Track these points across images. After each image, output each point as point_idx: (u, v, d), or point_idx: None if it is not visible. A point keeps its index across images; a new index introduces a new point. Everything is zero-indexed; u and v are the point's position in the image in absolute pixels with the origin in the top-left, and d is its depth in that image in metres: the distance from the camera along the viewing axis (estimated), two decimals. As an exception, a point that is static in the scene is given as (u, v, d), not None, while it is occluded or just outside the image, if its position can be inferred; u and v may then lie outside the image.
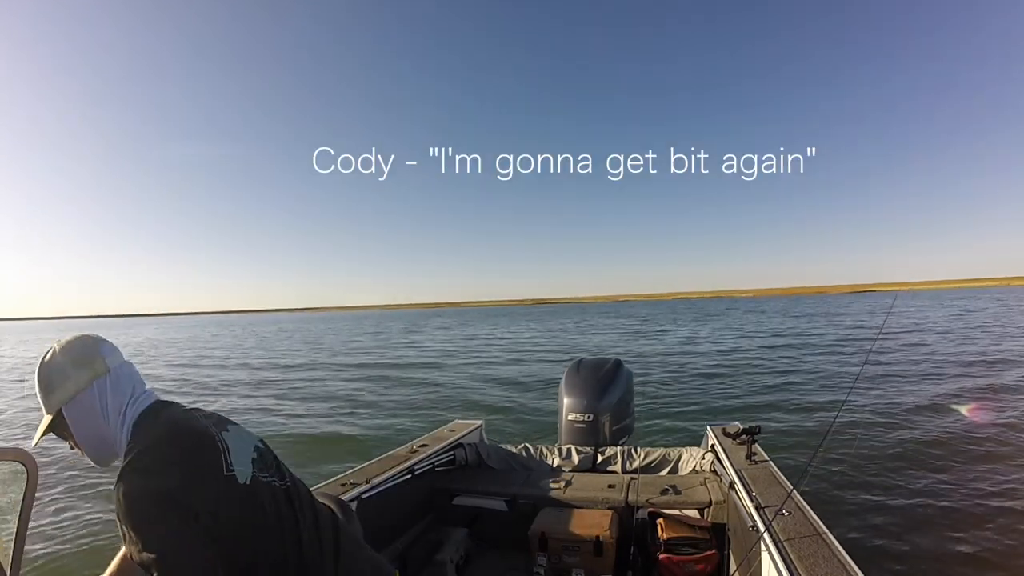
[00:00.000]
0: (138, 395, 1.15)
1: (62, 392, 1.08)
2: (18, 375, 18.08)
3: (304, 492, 1.22)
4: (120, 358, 1.17)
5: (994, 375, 9.31)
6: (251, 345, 31.86)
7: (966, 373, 9.53)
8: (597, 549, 2.68)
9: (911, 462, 5.43)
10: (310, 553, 1.11)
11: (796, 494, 2.25)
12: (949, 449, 5.69)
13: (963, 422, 6.66)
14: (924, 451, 5.74)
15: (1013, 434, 6.03)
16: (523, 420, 9.06)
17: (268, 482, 1.13)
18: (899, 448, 5.90)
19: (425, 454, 3.40)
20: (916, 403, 7.73)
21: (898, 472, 5.17)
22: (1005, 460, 5.25)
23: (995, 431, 6.14)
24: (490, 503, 3.28)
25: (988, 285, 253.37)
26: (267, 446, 1.25)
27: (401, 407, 11.22)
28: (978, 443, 5.79)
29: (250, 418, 10.05)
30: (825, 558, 1.72)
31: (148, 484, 0.98)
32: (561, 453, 3.71)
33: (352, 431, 9.01)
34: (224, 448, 1.09)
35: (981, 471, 5.03)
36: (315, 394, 12.52)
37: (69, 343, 1.12)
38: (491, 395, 11.83)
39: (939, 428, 6.51)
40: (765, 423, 3.85)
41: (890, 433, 6.45)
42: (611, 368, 4.13)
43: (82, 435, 1.11)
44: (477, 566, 3.10)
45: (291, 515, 1.12)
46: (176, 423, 1.11)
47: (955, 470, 5.11)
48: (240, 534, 1.03)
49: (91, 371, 1.10)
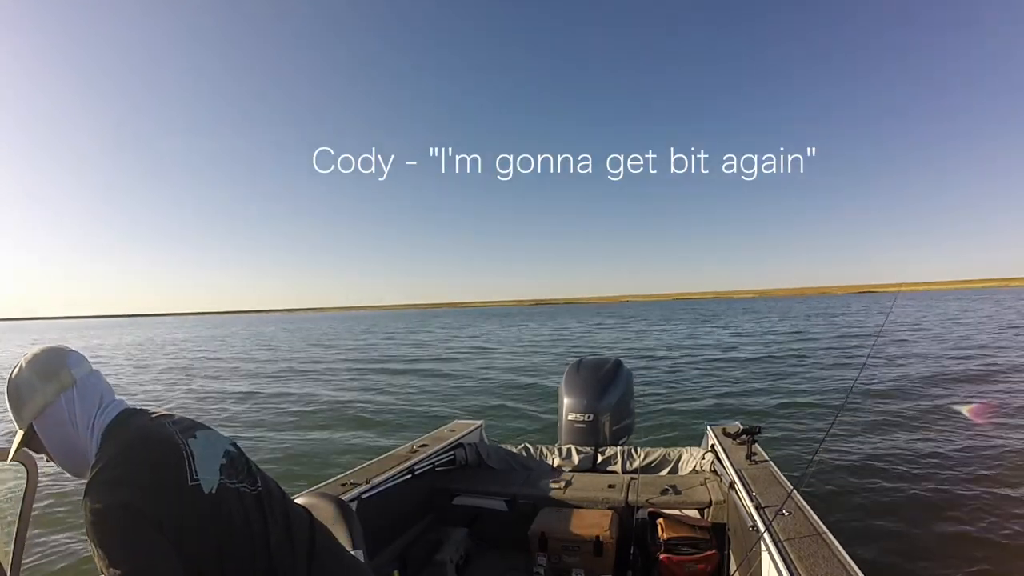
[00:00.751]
0: (106, 405, 1.14)
1: (31, 406, 1.08)
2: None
3: (277, 495, 1.21)
4: (87, 368, 1.16)
5: (993, 375, 9.32)
6: (254, 345, 31.86)
7: (966, 373, 9.54)
8: (597, 549, 2.68)
9: (911, 462, 5.43)
10: (279, 555, 1.10)
11: (796, 494, 2.25)
12: (949, 449, 5.69)
13: (963, 422, 6.66)
14: (924, 451, 5.74)
15: (1013, 433, 6.04)
16: (523, 420, 9.07)
17: (236, 488, 1.12)
18: (900, 448, 5.91)
19: (425, 454, 3.40)
20: (916, 403, 7.74)
21: (898, 472, 5.17)
22: (1006, 459, 5.26)
23: (995, 431, 6.14)
24: (490, 503, 3.28)
25: (988, 286, 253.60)
26: (239, 450, 1.24)
27: (401, 407, 11.22)
28: (978, 442, 5.79)
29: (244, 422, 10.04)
30: (825, 558, 1.72)
31: (113, 497, 0.97)
32: (561, 453, 3.71)
33: (352, 433, 9.01)
34: (189, 457, 1.08)
35: (981, 470, 5.04)
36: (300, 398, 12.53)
37: (35, 356, 1.12)
38: (491, 395, 11.84)
39: (939, 428, 6.51)
40: (765, 423, 3.85)
41: (890, 433, 6.46)
42: (611, 368, 4.13)
43: (54, 448, 1.11)
44: (477, 566, 3.10)
45: (260, 519, 1.11)
46: (141, 433, 1.11)
47: (955, 470, 5.11)
48: (206, 544, 1.03)
49: (58, 384, 1.09)
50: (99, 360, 22.62)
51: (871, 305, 33.27)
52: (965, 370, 10.06)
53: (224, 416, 10.41)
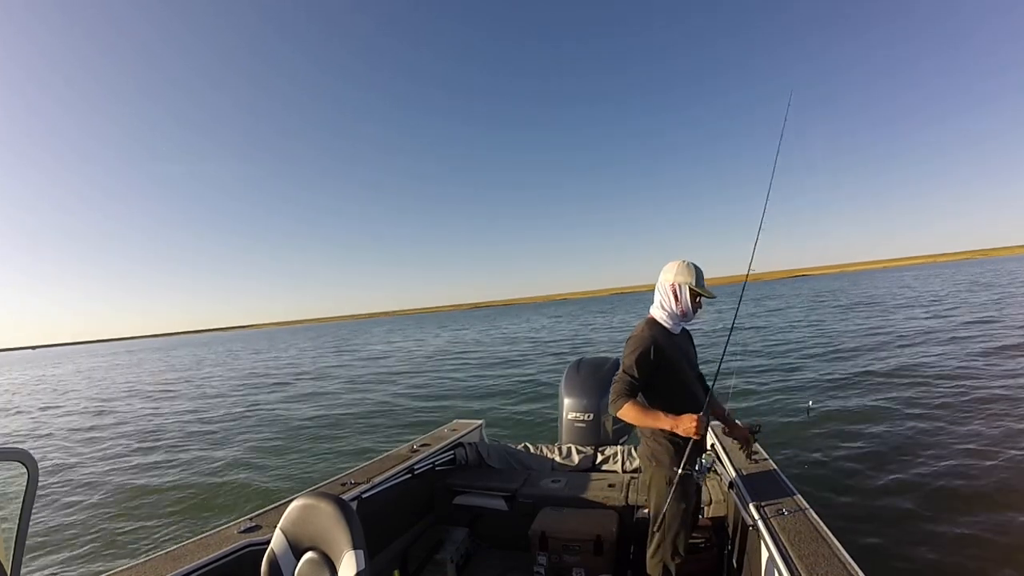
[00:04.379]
0: None
1: None
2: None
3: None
4: None
5: (994, 371, 9.31)
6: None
7: (967, 370, 9.53)
8: (597, 548, 2.69)
9: (912, 461, 5.43)
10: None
11: (796, 494, 2.25)
12: (950, 448, 5.69)
13: (964, 421, 6.66)
14: (925, 450, 5.74)
15: (1014, 431, 6.03)
16: (523, 419, 9.07)
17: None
18: (900, 447, 5.90)
19: (426, 453, 3.40)
20: (918, 402, 7.73)
21: (898, 471, 5.16)
22: (1006, 459, 5.25)
23: (995, 431, 6.13)
24: (491, 502, 3.28)
25: (967, 257, 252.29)
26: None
27: (399, 410, 11.23)
28: (979, 442, 5.78)
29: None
30: (825, 557, 1.72)
31: None
32: (561, 452, 3.71)
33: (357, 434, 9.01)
34: None
35: (982, 470, 5.03)
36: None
37: None
38: (491, 395, 11.84)
39: (940, 427, 6.50)
40: (765, 422, 3.85)
41: (891, 432, 6.45)
42: (611, 367, 4.13)
43: None
44: (477, 565, 3.11)
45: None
46: None
47: (956, 469, 5.11)
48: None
49: None
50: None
51: (866, 292, 32.93)
52: (966, 369, 10.03)
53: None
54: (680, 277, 2.23)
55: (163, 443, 9.76)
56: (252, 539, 2.14)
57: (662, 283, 2.27)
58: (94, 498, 6.73)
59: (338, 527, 1.42)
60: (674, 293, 2.23)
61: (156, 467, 8.05)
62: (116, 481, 7.45)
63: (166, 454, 8.86)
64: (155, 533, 5.37)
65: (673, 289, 2.23)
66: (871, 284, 52.91)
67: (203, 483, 6.96)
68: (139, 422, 12.43)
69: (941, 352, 11.54)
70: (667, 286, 2.25)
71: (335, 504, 1.45)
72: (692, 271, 2.24)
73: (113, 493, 6.89)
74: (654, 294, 2.33)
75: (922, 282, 45.00)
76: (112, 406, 15.89)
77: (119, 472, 7.96)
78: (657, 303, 2.30)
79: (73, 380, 28.80)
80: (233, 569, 2.03)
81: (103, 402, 17.20)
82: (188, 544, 2.12)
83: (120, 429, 11.70)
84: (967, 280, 40.68)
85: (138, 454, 9.08)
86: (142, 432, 11.07)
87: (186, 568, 1.92)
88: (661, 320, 2.28)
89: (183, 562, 1.95)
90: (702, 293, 2.23)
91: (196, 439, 9.88)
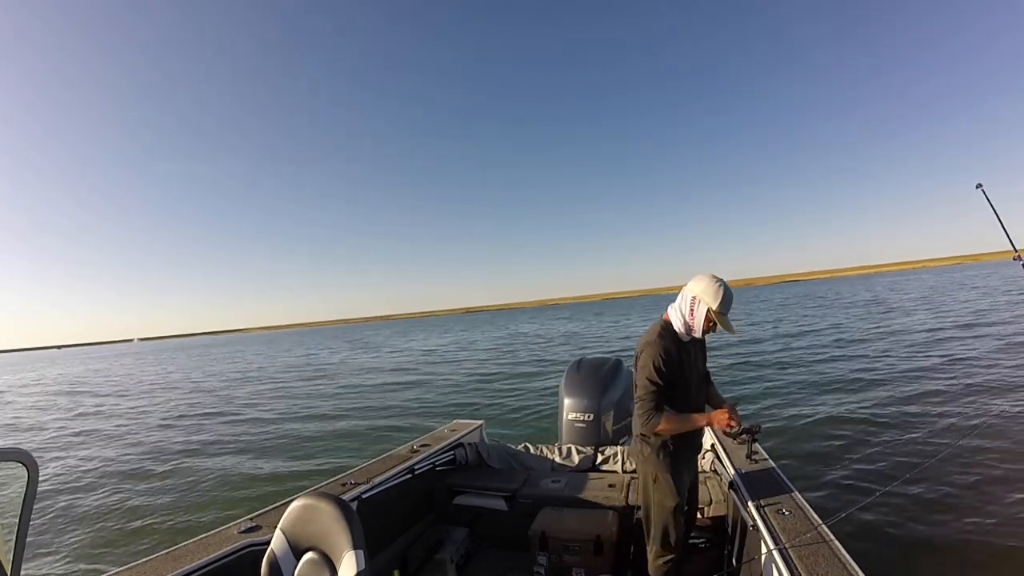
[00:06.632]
0: None
1: None
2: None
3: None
4: None
5: (996, 368, 9.30)
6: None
7: (968, 369, 9.52)
8: (597, 548, 2.69)
9: (912, 460, 5.42)
10: None
11: (796, 494, 2.25)
12: (950, 448, 5.68)
13: (964, 419, 6.65)
14: (925, 449, 5.74)
15: (1015, 429, 6.03)
16: (523, 420, 9.07)
17: None
18: (900, 446, 5.90)
19: (426, 454, 3.40)
20: (917, 400, 7.73)
21: (898, 470, 5.16)
22: (1007, 458, 5.25)
23: (995, 430, 6.13)
24: (491, 502, 3.28)
25: (967, 261, 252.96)
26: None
27: (400, 410, 11.23)
28: (979, 440, 5.78)
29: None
30: (825, 557, 1.72)
31: None
32: (561, 452, 3.71)
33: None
34: None
35: (982, 469, 5.03)
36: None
37: None
38: (491, 395, 11.84)
39: (940, 425, 6.50)
40: (766, 422, 3.85)
41: (890, 431, 6.45)
42: (611, 367, 4.14)
43: None
44: (478, 565, 3.11)
45: None
46: None
47: (956, 468, 5.10)
48: None
49: None
50: None
51: (861, 292, 33.01)
52: (967, 368, 10.03)
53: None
54: (704, 295, 2.14)
55: (164, 443, 9.76)
56: (252, 539, 2.14)
57: (687, 290, 2.20)
58: (94, 498, 6.74)
59: (338, 527, 1.42)
60: (692, 306, 2.17)
61: (156, 467, 8.05)
62: (116, 481, 7.45)
63: (166, 454, 8.86)
64: (155, 533, 5.38)
65: (692, 302, 2.17)
66: (864, 287, 52.91)
67: (203, 483, 6.96)
68: (137, 422, 12.44)
69: (941, 352, 11.55)
70: (689, 296, 2.18)
71: (335, 504, 1.45)
72: (719, 295, 2.13)
73: (113, 493, 6.89)
74: (679, 294, 2.27)
75: (927, 284, 44.97)
76: (113, 406, 15.90)
77: (119, 472, 7.97)
78: (676, 305, 2.24)
79: (55, 387, 28.79)
80: (233, 569, 2.03)
81: (101, 398, 17.22)
82: (188, 544, 2.12)
83: (115, 430, 11.70)
84: (955, 283, 40.57)
85: (138, 454, 9.08)
86: (142, 431, 11.08)
87: (186, 568, 1.92)
88: (674, 323, 2.24)
89: (183, 562, 1.95)
90: (719, 322, 2.15)
91: (196, 439, 9.88)
